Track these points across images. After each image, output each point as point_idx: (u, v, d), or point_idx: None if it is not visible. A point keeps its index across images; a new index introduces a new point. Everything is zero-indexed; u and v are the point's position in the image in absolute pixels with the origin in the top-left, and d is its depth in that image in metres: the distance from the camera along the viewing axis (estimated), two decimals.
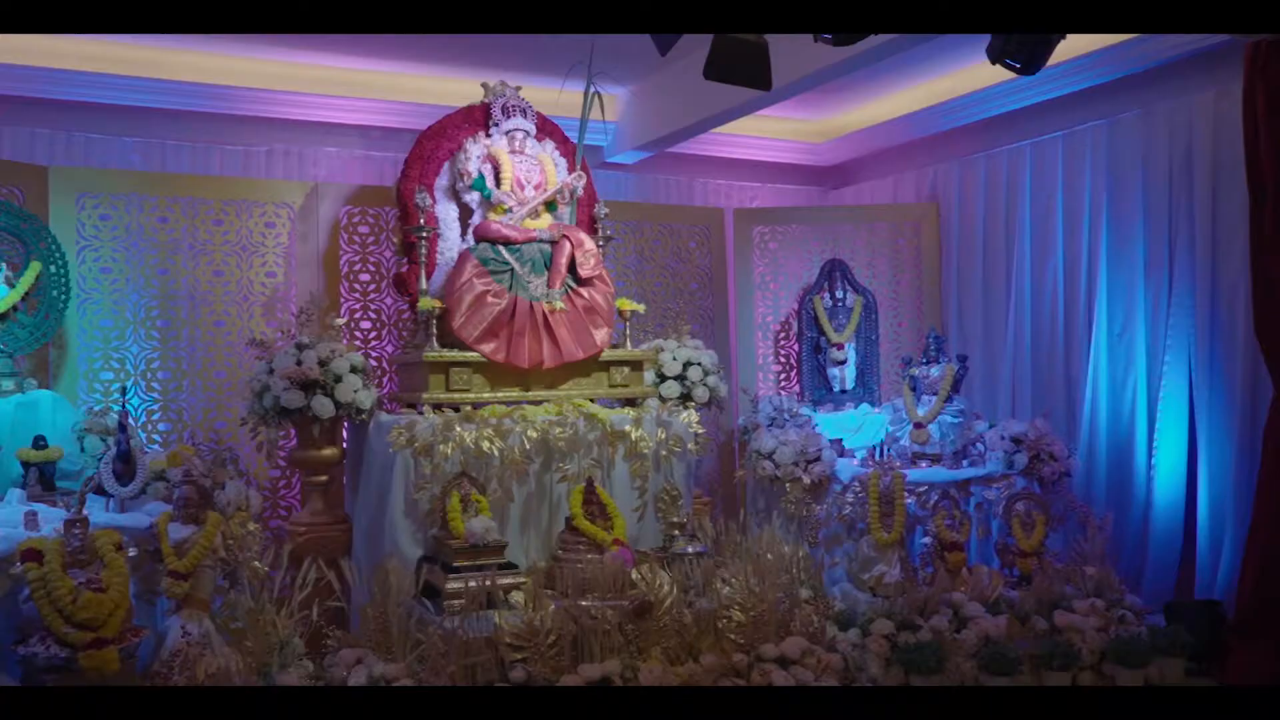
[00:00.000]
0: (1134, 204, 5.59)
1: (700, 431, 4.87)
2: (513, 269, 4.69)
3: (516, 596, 3.81)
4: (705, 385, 5.27)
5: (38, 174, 4.88)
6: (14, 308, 4.34)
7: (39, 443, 4.01)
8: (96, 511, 3.91)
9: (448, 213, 4.95)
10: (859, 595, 4.93)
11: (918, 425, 5.63)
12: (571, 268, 4.84)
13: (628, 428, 4.67)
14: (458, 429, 4.29)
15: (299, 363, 4.48)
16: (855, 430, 6.03)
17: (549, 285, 4.74)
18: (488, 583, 3.74)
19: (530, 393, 4.69)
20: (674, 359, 5.27)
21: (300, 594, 3.95)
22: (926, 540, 5.16)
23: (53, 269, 4.49)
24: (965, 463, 5.49)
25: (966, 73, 6.19)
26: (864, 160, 7.52)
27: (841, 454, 5.65)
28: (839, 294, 6.37)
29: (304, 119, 5.87)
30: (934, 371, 5.76)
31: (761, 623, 4.08)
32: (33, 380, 4.39)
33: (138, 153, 5.50)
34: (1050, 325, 6.07)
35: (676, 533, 4.53)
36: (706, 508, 5.46)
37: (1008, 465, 5.39)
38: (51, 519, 3.65)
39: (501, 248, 4.72)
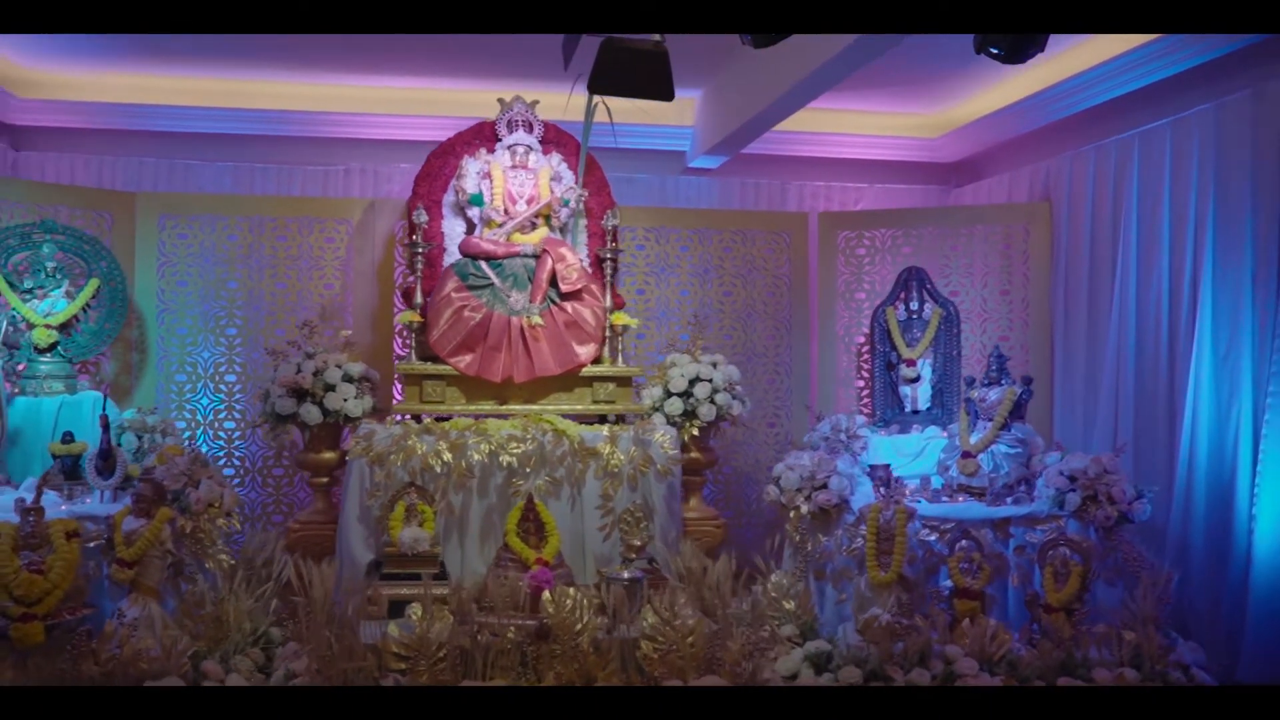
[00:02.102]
0: (1242, 200, 4.71)
1: (672, 452, 4.68)
2: (492, 284, 4.76)
3: (415, 608, 3.88)
4: (713, 403, 5.06)
5: (126, 200, 5.58)
6: (75, 319, 5.00)
7: (67, 438, 4.59)
8: (95, 501, 4.44)
9: (454, 228, 5.10)
10: (855, 638, 4.54)
11: (965, 454, 5.08)
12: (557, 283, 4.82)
13: (599, 445, 4.59)
14: (412, 440, 4.43)
15: (299, 371, 4.82)
16: (915, 456, 5.52)
17: (530, 300, 4.76)
18: (370, 592, 3.84)
19: (505, 406, 4.74)
20: (681, 375, 5.09)
21: (263, 587, 4.29)
22: (948, 584, 4.65)
23: (110, 285, 5.11)
24: (1009, 500, 4.88)
25: (1075, 51, 5.47)
26: (985, 155, 6.84)
27: (885, 483, 5.19)
28: (914, 305, 5.84)
29: (379, 138, 6.27)
30: (992, 395, 5.17)
31: (675, 656, 3.88)
32: (85, 382, 5.04)
33: (229, 176, 6.13)
34: (1153, 344, 5.23)
35: (633, 555, 4.41)
36: (719, 531, 5.26)
37: (1057, 505, 4.74)
38: (48, 504, 4.18)
39: (483, 263, 4.81)
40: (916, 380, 5.77)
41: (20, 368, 4.86)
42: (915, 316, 5.85)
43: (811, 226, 6.43)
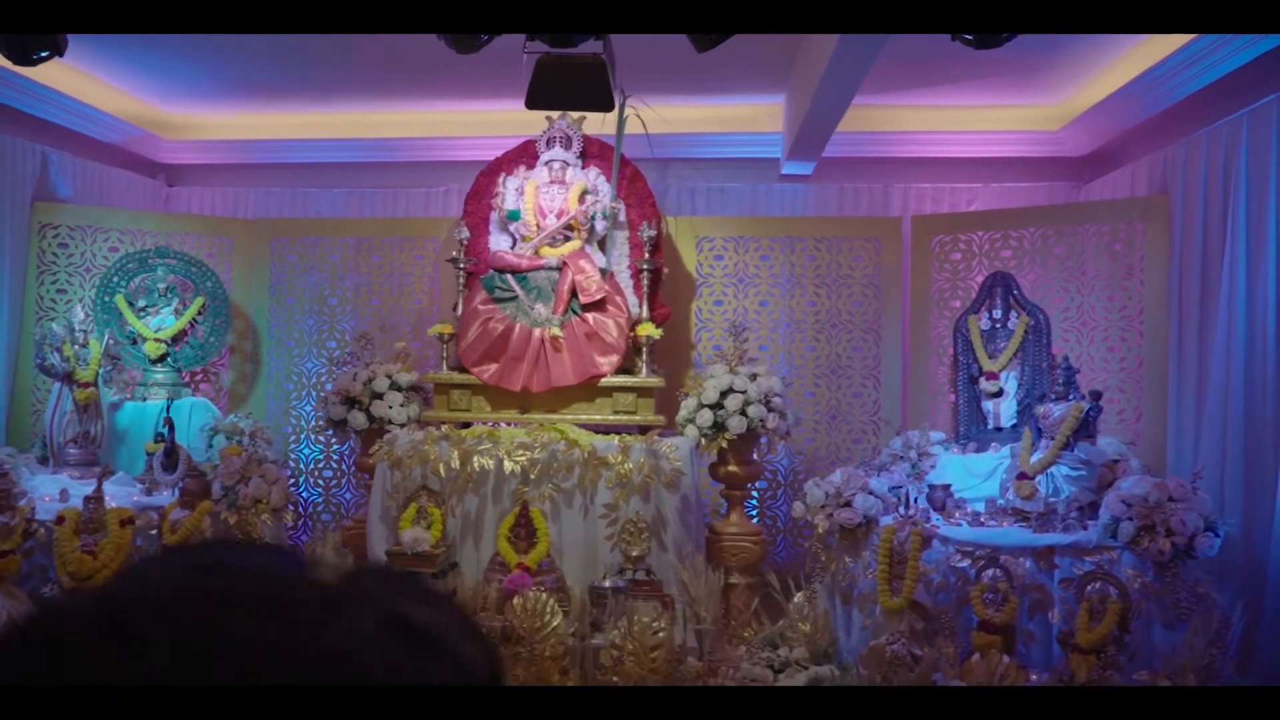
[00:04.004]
0: None
1: (677, 464, 4.58)
2: (517, 296, 4.90)
3: None
4: (744, 415, 4.91)
5: (244, 226, 6.24)
6: (184, 333, 5.65)
7: (159, 438, 5.20)
8: (168, 493, 4.99)
9: (499, 243, 5.30)
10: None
11: (1021, 476, 4.63)
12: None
13: (610, 455, 4.60)
14: (428, 445, 4.65)
15: (354, 379, 5.19)
16: (986, 476, 5.08)
17: (552, 311, 4.86)
18: None
19: (527, 415, 4.86)
20: (714, 386, 4.99)
21: None
22: None
23: (215, 303, 5.73)
24: (1059, 526, 4.40)
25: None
26: (1114, 146, 6.18)
27: (941, 507, 4.83)
28: (997, 314, 5.39)
29: (475, 159, 6.53)
30: (1056, 411, 4.69)
31: (633, 666, 3.83)
32: (187, 389, 5.67)
33: (343, 201, 6.68)
34: (1261, 354, 4.55)
35: (630, 565, 4.39)
36: (757, 547, 5.09)
37: (1110, 535, 4.23)
38: (118, 497, 4.78)
39: (509, 276, 4.96)
40: (999, 395, 5.33)
41: (135, 376, 5.56)
42: (999, 326, 5.40)
43: (905, 231, 6.08)
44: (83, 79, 5.87)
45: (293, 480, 6.09)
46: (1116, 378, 5.41)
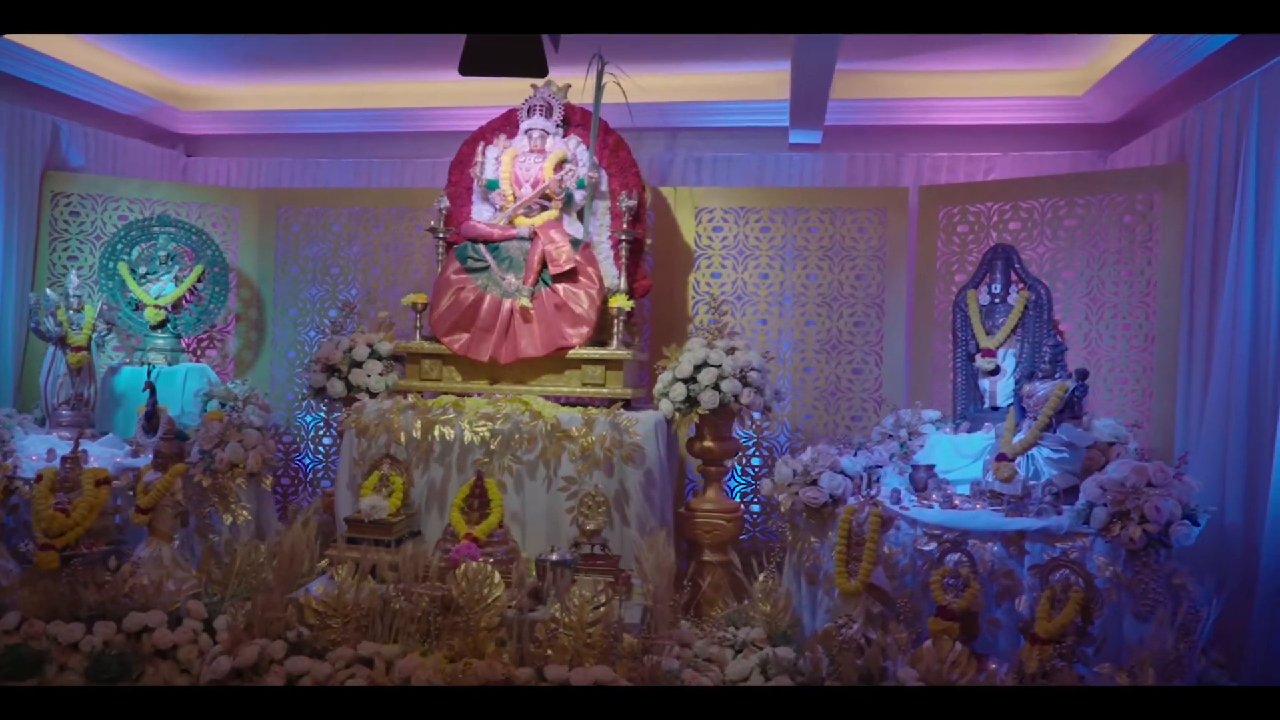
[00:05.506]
0: None
1: (635, 438, 4.48)
2: (489, 266, 4.86)
3: (341, 570, 4.09)
4: (717, 390, 4.78)
5: (250, 195, 6.32)
6: (184, 299, 5.76)
7: (150, 401, 5.33)
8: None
9: (481, 214, 5.25)
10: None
11: (1000, 457, 4.42)
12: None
13: (574, 428, 4.54)
14: (393, 415, 4.65)
15: (336, 347, 5.22)
16: (975, 457, 4.86)
17: (523, 282, 4.81)
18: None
19: (496, 386, 4.82)
20: (689, 360, 4.87)
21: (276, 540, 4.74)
22: None
23: (214, 271, 5.83)
24: (1032, 510, 4.18)
25: None
26: (1142, 112, 5.81)
27: (922, 487, 4.64)
28: (995, 288, 5.13)
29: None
30: (1040, 390, 4.45)
31: (566, 639, 3.77)
32: (186, 355, 5.79)
33: (351, 171, 6.71)
34: (1265, 331, 4.24)
35: (585, 539, 4.33)
36: (730, 525, 4.97)
37: (1082, 520, 4.00)
38: (103, 458, 4.91)
39: (481, 246, 4.91)
40: (995, 373, 5.08)
41: (136, 341, 5.71)
42: (999, 301, 5.15)
43: (911, 202, 5.84)
44: (99, 54, 6.02)
45: (294, 447, 6.20)
46: (1126, 355, 5.13)
